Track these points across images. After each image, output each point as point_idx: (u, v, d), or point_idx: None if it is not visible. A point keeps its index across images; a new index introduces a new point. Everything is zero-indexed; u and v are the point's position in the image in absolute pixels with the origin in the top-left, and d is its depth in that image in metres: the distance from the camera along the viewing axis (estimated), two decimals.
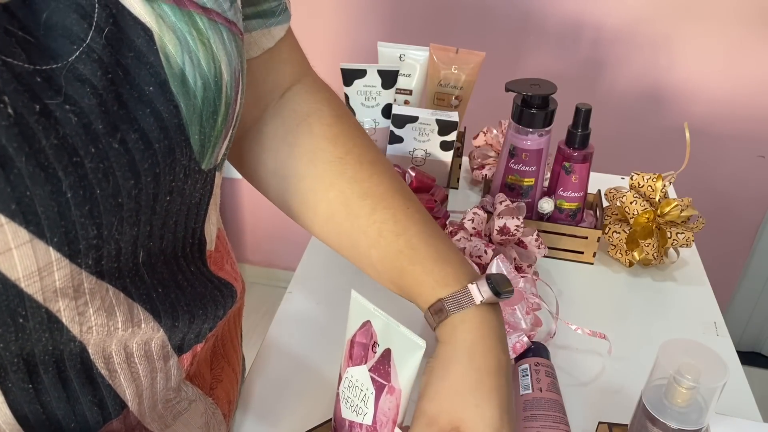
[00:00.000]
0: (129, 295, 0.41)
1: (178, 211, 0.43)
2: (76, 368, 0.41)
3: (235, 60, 0.42)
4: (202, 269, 0.50)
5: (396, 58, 1.03)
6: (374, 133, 1.00)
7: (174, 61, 0.37)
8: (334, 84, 0.70)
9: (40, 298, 0.36)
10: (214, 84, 0.40)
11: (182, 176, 0.41)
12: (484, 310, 0.51)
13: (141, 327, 0.43)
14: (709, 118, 1.62)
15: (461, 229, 0.88)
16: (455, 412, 0.49)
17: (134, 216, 0.38)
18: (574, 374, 0.76)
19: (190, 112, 0.39)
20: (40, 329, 0.37)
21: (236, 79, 0.43)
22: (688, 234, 0.90)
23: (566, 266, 0.94)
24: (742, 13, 1.49)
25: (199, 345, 0.50)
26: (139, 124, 0.36)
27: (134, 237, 0.40)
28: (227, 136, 0.44)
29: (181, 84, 0.38)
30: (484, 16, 1.60)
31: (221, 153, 0.44)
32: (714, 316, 0.86)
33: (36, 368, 0.39)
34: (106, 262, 0.38)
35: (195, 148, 0.40)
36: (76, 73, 0.34)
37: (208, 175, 0.44)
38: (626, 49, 1.58)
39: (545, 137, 0.92)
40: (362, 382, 0.52)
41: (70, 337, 0.39)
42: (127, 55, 0.36)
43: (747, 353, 1.99)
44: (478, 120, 1.22)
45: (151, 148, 0.37)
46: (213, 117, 0.41)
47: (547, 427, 0.65)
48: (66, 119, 0.33)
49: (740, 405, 0.73)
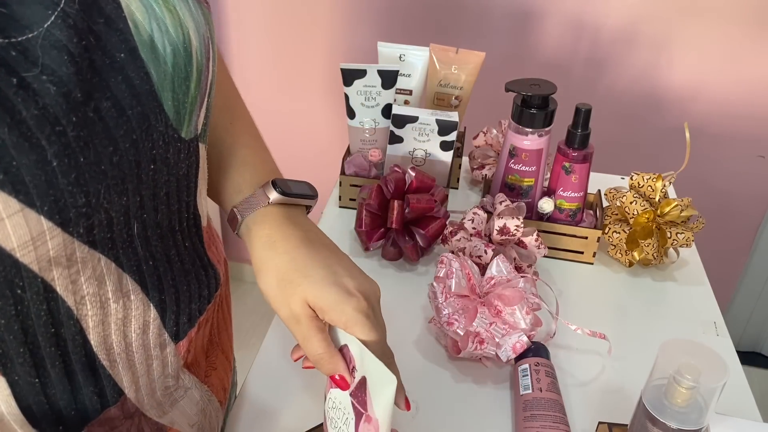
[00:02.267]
0: (120, 265, 0.42)
1: (167, 182, 0.44)
2: (81, 361, 0.42)
3: (202, 27, 0.43)
4: (197, 245, 0.51)
5: (396, 58, 1.03)
6: (374, 133, 1.00)
7: (142, 28, 0.38)
8: (334, 84, 0.70)
9: (36, 267, 0.37)
10: (183, 50, 0.41)
11: (162, 144, 0.41)
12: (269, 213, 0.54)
13: (131, 299, 0.44)
14: (709, 118, 1.62)
15: (461, 229, 0.88)
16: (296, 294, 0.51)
17: (120, 184, 0.39)
18: (574, 374, 0.76)
19: (161, 78, 0.39)
20: (37, 300, 0.38)
21: (206, 45, 0.43)
22: (688, 234, 0.90)
23: (566, 266, 0.94)
24: (742, 13, 1.49)
25: (192, 330, 0.51)
26: (112, 92, 0.37)
27: (125, 207, 0.40)
28: (203, 103, 0.45)
29: (151, 50, 0.38)
30: (484, 16, 1.60)
31: (200, 122, 0.45)
32: (714, 316, 0.86)
33: (43, 362, 0.40)
34: (98, 232, 0.39)
35: (170, 114, 0.41)
36: (52, 40, 0.34)
37: (190, 146, 0.45)
38: (626, 49, 1.58)
39: (545, 137, 0.92)
40: (344, 405, 0.52)
41: (67, 310, 0.40)
42: (98, 21, 0.36)
43: (747, 353, 1.99)
44: (478, 120, 1.22)
45: (125, 114, 0.37)
46: (185, 83, 0.41)
47: (547, 427, 0.65)
48: (45, 90, 0.34)
49: (740, 405, 0.73)
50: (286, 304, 0.50)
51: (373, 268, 0.90)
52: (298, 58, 1.76)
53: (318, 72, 1.77)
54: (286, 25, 1.72)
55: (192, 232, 0.50)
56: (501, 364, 0.76)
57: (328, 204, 1.04)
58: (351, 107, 0.98)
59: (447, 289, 0.75)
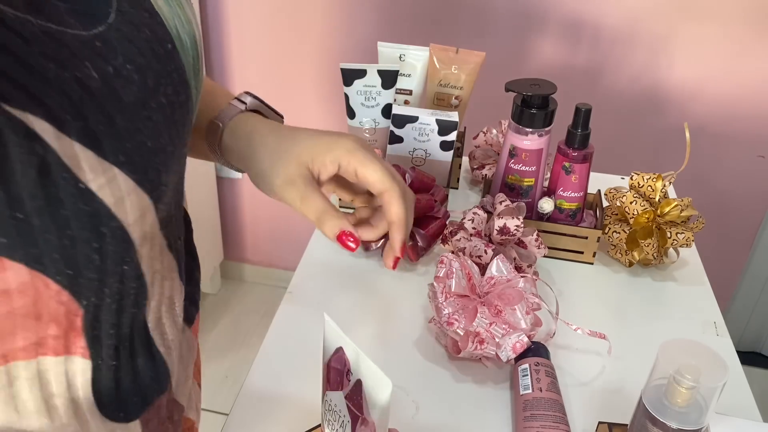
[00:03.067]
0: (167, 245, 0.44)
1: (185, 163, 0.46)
2: (143, 344, 0.43)
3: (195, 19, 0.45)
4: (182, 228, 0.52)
5: (396, 58, 1.03)
6: (374, 133, 1.00)
7: (171, 22, 0.40)
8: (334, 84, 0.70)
9: (138, 242, 0.38)
10: (195, 43, 0.43)
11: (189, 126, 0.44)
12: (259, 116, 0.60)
13: (173, 277, 0.45)
14: (709, 118, 1.62)
15: (461, 229, 0.88)
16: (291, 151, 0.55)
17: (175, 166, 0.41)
18: (574, 374, 0.76)
19: (188, 68, 0.41)
20: (132, 277, 0.39)
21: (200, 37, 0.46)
22: (688, 234, 0.90)
23: (566, 266, 0.94)
24: (741, 13, 1.49)
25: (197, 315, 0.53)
26: (171, 79, 0.39)
27: (175, 182, 0.42)
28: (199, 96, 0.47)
29: (180, 42, 0.40)
30: (484, 16, 1.60)
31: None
32: (714, 316, 0.86)
33: (119, 344, 0.40)
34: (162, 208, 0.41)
35: (194, 101, 0.43)
36: (121, 33, 0.36)
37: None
38: (626, 49, 1.58)
39: (545, 137, 0.92)
40: (340, 408, 0.52)
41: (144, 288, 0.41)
42: (144, 15, 0.38)
43: (747, 353, 1.99)
44: (478, 120, 1.22)
45: (177, 101, 0.40)
46: (200, 74, 0.44)
47: (547, 427, 0.65)
48: (131, 78, 0.35)
49: (740, 405, 0.73)
50: (278, 173, 0.53)
51: (373, 268, 0.90)
52: (297, 58, 1.76)
53: (318, 72, 1.77)
54: (285, 24, 1.72)
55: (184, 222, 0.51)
56: (501, 364, 0.76)
57: None
58: (351, 107, 0.98)
59: (447, 289, 0.75)
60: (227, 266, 2.21)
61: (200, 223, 2.03)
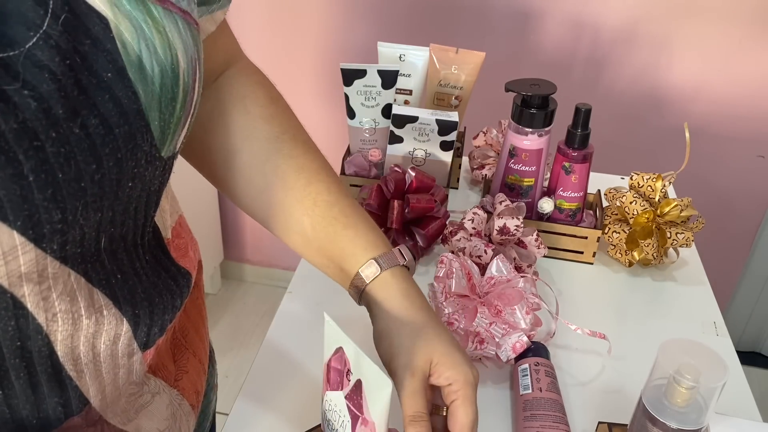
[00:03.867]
0: (89, 280, 0.42)
1: (138, 197, 0.44)
2: (47, 372, 0.41)
3: (191, 48, 0.43)
4: (160, 258, 0.51)
5: (396, 58, 1.03)
6: (374, 133, 1.00)
7: (131, 49, 0.38)
8: (334, 84, 0.70)
9: (6, 283, 0.36)
10: (171, 71, 0.41)
11: (144, 163, 0.41)
12: (404, 271, 0.59)
13: (103, 314, 0.43)
14: (709, 118, 1.62)
15: (461, 229, 0.88)
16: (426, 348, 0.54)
17: (98, 201, 0.39)
18: (574, 374, 0.76)
19: (149, 98, 0.39)
20: (6, 316, 0.37)
21: (193, 67, 0.44)
22: (688, 234, 0.90)
23: (566, 266, 0.94)
24: (741, 13, 1.49)
25: (161, 339, 0.51)
26: (99, 110, 0.37)
27: (98, 222, 0.40)
28: (186, 124, 0.45)
29: (139, 71, 0.39)
30: (484, 16, 1.60)
31: (179, 141, 0.46)
32: (714, 316, 0.86)
33: (7, 374, 0.39)
34: (71, 247, 0.39)
35: (156, 134, 0.41)
36: (34, 60, 0.34)
37: (167, 163, 0.45)
38: (626, 49, 1.58)
39: (545, 137, 0.92)
40: (340, 408, 0.52)
41: (36, 326, 0.39)
42: (84, 42, 0.36)
43: (747, 353, 1.99)
44: (478, 120, 1.22)
45: (112, 133, 0.38)
46: (172, 104, 0.42)
47: (547, 427, 0.65)
48: (25, 104, 0.34)
49: (740, 405, 0.73)
50: (411, 354, 0.53)
51: None
52: (297, 58, 1.76)
53: (318, 72, 1.77)
54: (285, 24, 1.72)
55: (152, 244, 0.50)
56: (501, 364, 0.76)
57: None
58: (351, 107, 0.98)
59: (447, 289, 0.75)
60: (227, 266, 2.21)
61: (200, 223, 2.03)
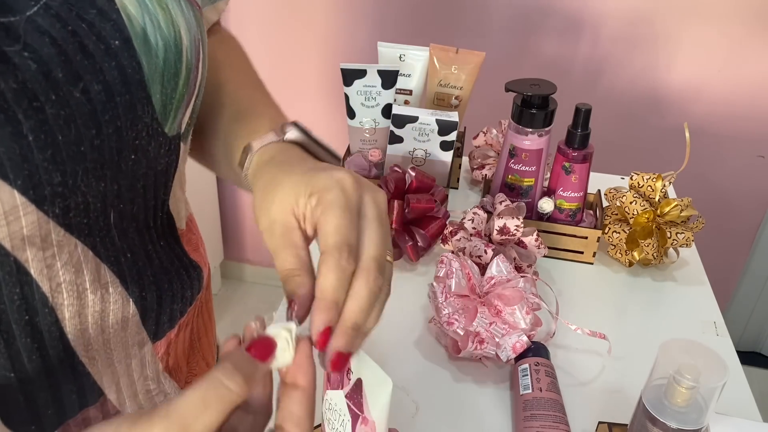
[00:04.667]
0: (97, 254, 0.42)
1: (144, 175, 0.44)
2: (59, 356, 0.41)
3: (194, 29, 0.44)
4: (173, 246, 0.51)
5: (396, 58, 1.03)
6: (374, 133, 1.00)
7: (136, 21, 0.39)
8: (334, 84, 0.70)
9: (8, 244, 0.36)
10: (174, 47, 0.41)
11: (145, 135, 0.42)
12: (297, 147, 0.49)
13: (109, 291, 0.43)
14: (708, 118, 1.62)
15: (461, 229, 0.88)
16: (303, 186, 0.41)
17: (99, 169, 0.39)
18: (574, 374, 0.76)
19: (152, 70, 0.40)
20: (10, 281, 0.37)
21: (196, 47, 0.44)
22: (688, 234, 0.90)
23: (566, 266, 0.94)
24: (741, 13, 1.49)
25: (172, 332, 0.51)
26: (104, 76, 0.37)
27: (102, 193, 0.40)
28: (190, 103, 0.45)
29: (144, 43, 0.39)
30: (484, 16, 1.60)
31: (185, 120, 0.46)
32: (714, 315, 0.86)
33: (19, 355, 0.39)
34: (75, 215, 0.39)
35: (157, 108, 0.41)
36: (35, 25, 0.35)
37: (172, 142, 0.45)
38: (626, 49, 1.58)
39: (545, 137, 0.92)
40: (340, 407, 0.52)
41: (42, 297, 0.39)
42: (89, 12, 0.37)
43: (747, 353, 1.99)
44: (478, 120, 1.22)
45: (113, 100, 0.38)
46: (174, 79, 0.42)
47: (547, 427, 0.65)
48: (25, 65, 0.34)
49: (740, 405, 0.73)
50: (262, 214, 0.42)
51: None
52: (297, 58, 1.76)
53: (318, 72, 1.77)
54: (285, 25, 1.72)
55: (167, 231, 0.50)
56: (501, 364, 0.76)
57: None
58: (351, 107, 0.98)
59: (447, 289, 0.75)
60: (227, 266, 2.20)
61: (200, 223, 2.02)
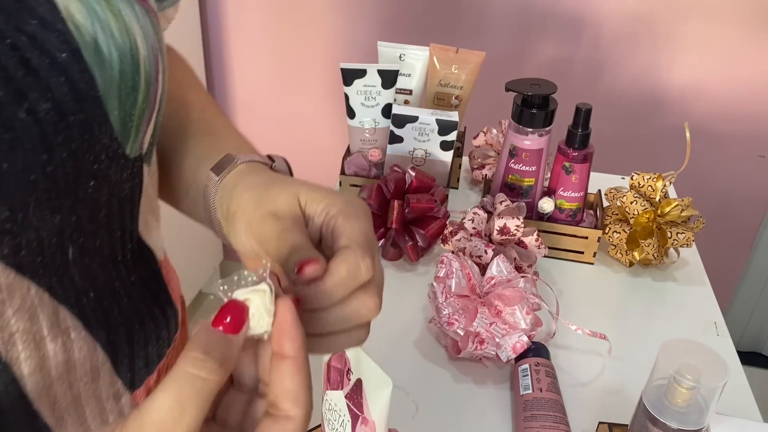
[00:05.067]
0: (55, 296, 0.37)
1: (107, 204, 0.39)
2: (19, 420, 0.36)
3: (151, 36, 0.39)
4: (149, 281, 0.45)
5: (396, 58, 1.03)
6: (374, 133, 1.00)
7: (85, 31, 0.35)
8: (334, 84, 0.70)
9: None
10: (130, 57, 0.37)
11: (105, 158, 0.37)
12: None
13: (71, 337, 0.38)
14: (709, 118, 1.62)
15: (461, 229, 0.88)
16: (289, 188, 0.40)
17: (53, 200, 0.35)
18: (574, 374, 0.76)
19: (107, 84, 0.36)
20: None
21: (155, 56, 0.40)
22: (688, 234, 0.90)
23: (566, 266, 0.94)
24: (742, 13, 1.49)
25: (151, 378, 0.46)
26: (52, 93, 0.33)
27: (58, 227, 0.36)
28: (150, 120, 0.40)
29: (95, 53, 0.35)
30: (484, 16, 1.60)
31: (146, 140, 0.41)
32: (714, 316, 0.86)
33: None
34: (26, 255, 0.35)
35: (116, 126, 0.37)
36: None
37: (135, 165, 0.41)
38: (626, 49, 1.58)
39: (545, 137, 0.92)
40: (340, 407, 0.52)
41: None
42: (30, 22, 0.33)
43: (747, 353, 1.99)
44: (478, 120, 1.22)
45: (65, 120, 0.34)
46: (133, 93, 0.38)
47: (547, 427, 0.65)
48: None
49: (740, 405, 0.73)
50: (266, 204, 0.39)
51: None
52: (297, 58, 1.76)
53: (318, 72, 1.77)
54: (285, 24, 1.72)
55: (140, 265, 0.45)
56: (501, 364, 0.76)
57: None
58: (351, 107, 0.98)
59: (447, 289, 0.75)
60: (227, 266, 2.20)
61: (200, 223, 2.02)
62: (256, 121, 1.87)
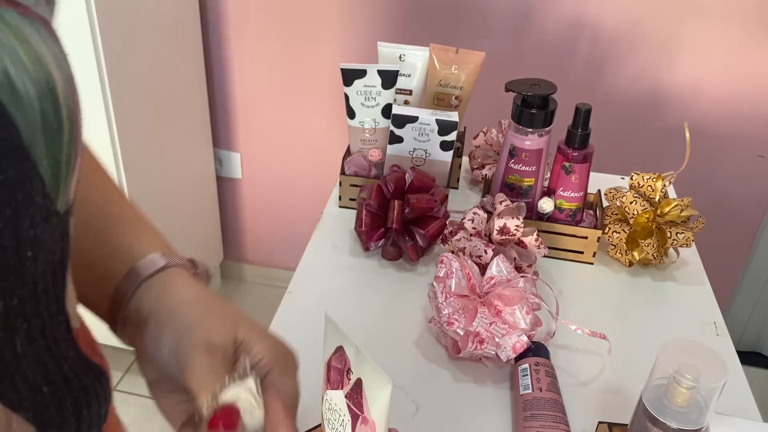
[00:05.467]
0: (8, 403, 0.32)
1: (42, 273, 0.33)
2: None
3: (64, 65, 0.33)
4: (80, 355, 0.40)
5: (396, 58, 1.03)
6: (374, 133, 1.00)
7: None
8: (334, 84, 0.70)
9: None
10: (48, 92, 0.30)
11: (39, 220, 0.31)
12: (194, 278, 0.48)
13: None
14: (709, 118, 1.62)
15: (461, 229, 0.88)
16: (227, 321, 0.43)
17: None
18: (574, 374, 0.76)
19: (30, 129, 0.29)
20: None
21: (70, 87, 0.33)
22: (688, 234, 0.90)
23: (566, 266, 0.94)
24: (742, 13, 1.49)
25: None
26: None
27: (3, 316, 0.31)
28: (76, 164, 0.34)
29: (11, 92, 0.28)
30: (484, 16, 1.60)
31: (72, 189, 0.35)
32: (714, 316, 0.86)
33: None
34: None
35: (46, 178, 0.31)
36: None
37: (64, 221, 0.34)
38: (626, 49, 1.58)
39: (545, 137, 0.92)
40: (340, 407, 0.52)
41: None
42: None
43: (747, 353, 1.99)
44: (478, 120, 1.22)
45: None
46: (59, 135, 0.31)
47: (547, 427, 0.65)
48: None
49: (740, 405, 0.73)
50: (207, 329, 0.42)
51: (373, 268, 0.90)
52: (297, 58, 1.76)
53: (318, 72, 1.77)
54: (285, 25, 1.72)
55: (67, 338, 0.38)
56: (501, 364, 0.76)
57: (328, 204, 1.04)
58: (351, 107, 0.98)
59: (447, 289, 0.75)
60: (227, 266, 2.20)
61: (200, 223, 2.03)
62: (256, 121, 1.87)
